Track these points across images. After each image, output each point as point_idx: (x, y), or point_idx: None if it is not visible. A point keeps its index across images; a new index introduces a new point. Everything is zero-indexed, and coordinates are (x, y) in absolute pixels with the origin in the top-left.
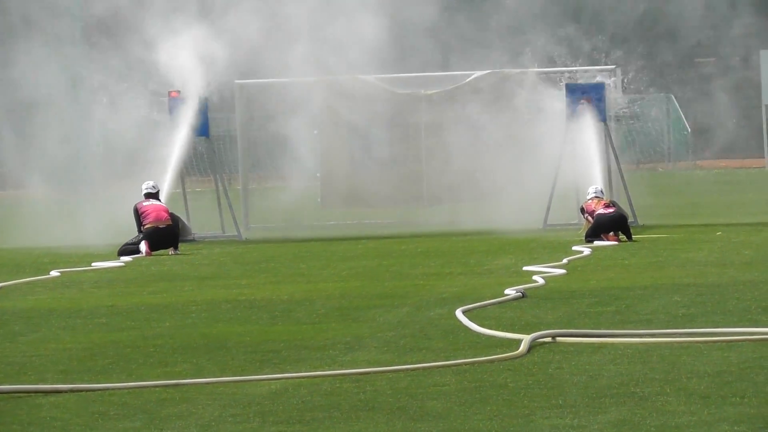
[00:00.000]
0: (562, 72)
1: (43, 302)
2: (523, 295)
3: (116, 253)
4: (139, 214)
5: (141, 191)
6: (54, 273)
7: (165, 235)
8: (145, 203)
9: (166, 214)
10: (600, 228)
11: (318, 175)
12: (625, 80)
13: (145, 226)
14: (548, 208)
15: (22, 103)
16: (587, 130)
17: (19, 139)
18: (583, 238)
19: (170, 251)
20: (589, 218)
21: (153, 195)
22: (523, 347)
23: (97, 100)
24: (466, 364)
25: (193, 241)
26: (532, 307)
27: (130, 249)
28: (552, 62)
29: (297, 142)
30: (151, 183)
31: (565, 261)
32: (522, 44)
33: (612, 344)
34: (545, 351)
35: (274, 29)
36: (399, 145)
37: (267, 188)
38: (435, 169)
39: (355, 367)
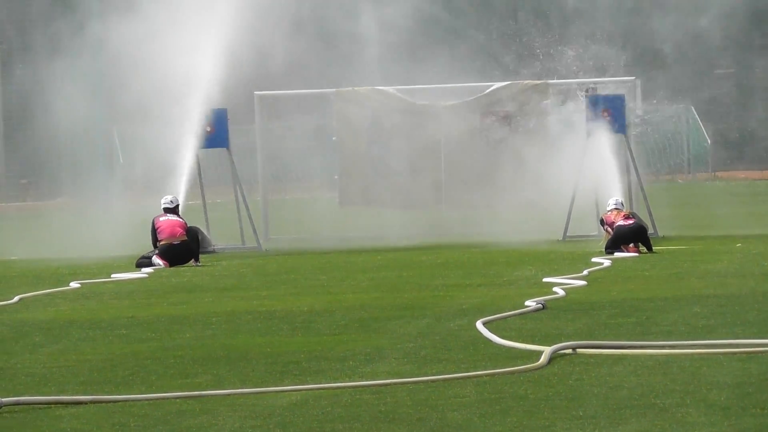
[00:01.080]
0: (582, 83)
1: (63, 313)
2: (544, 307)
3: (134, 265)
4: (155, 230)
5: (160, 205)
6: (74, 284)
7: (179, 251)
8: (161, 218)
9: (180, 230)
10: (620, 239)
11: (336, 177)
12: (645, 92)
13: (160, 242)
14: (568, 220)
15: (41, 113)
16: (607, 142)
17: (38, 150)
18: (603, 249)
19: (192, 262)
20: (609, 230)
21: (171, 210)
22: (543, 359)
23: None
24: (486, 375)
25: (212, 252)
26: (553, 319)
27: (145, 263)
28: (572, 74)
29: (316, 152)
30: (169, 198)
31: (585, 272)
32: (540, 55)
33: (632, 356)
34: (566, 362)
35: (293, 39)
36: (417, 156)
37: (287, 199)
38: (453, 179)
39: (376, 379)
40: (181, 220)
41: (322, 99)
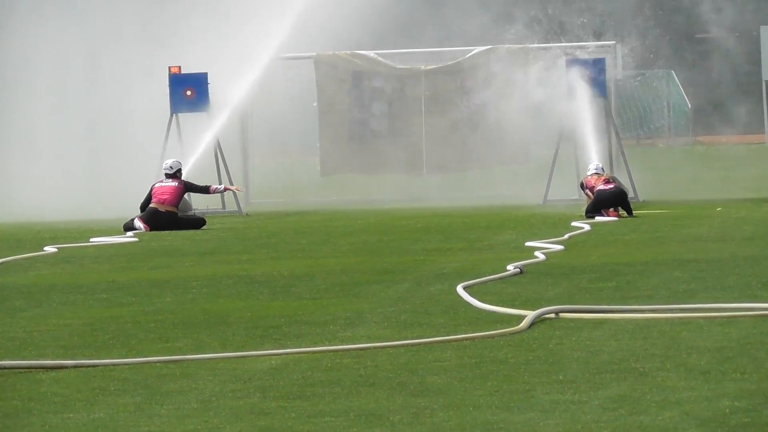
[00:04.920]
0: (562, 47)
1: (43, 278)
2: (521, 271)
3: (122, 228)
4: (149, 195)
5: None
6: (49, 248)
7: (162, 220)
8: (157, 184)
9: (169, 198)
10: (600, 204)
11: (318, 144)
12: (625, 56)
13: (149, 206)
14: (548, 184)
15: (24, 72)
16: (587, 106)
17: (20, 112)
18: (584, 214)
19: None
20: (589, 194)
21: (171, 175)
22: (524, 323)
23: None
24: (466, 339)
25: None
26: (533, 283)
27: (128, 225)
28: (552, 37)
29: (297, 116)
30: (168, 162)
31: (566, 237)
32: (522, 18)
33: (613, 320)
34: (546, 327)
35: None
36: (398, 120)
37: (267, 163)
38: (434, 142)
39: (356, 343)
40: (175, 185)
41: (305, 62)
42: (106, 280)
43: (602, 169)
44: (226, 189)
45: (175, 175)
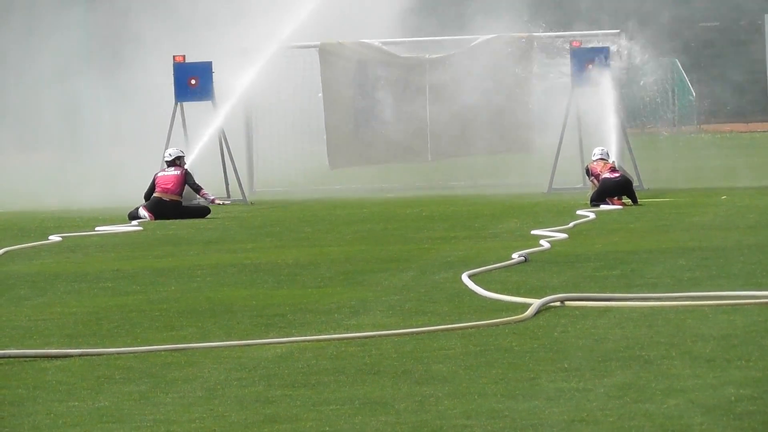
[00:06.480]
0: (567, 36)
1: (48, 266)
2: (526, 260)
3: (127, 217)
4: (153, 184)
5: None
6: (54, 237)
7: (167, 208)
8: (160, 173)
9: (172, 187)
10: (605, 192)
11: (324, 137)
12: (630, 44)
13: (153, 196)
14: (553, 172)
15: (29, 65)
16: (592, 95)
17: (28, 103)
18: (589, 201)
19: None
20: (595, 181)
21: (171, 163)
22: (529, 311)
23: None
24: (471, 327)
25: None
26: (538, 271)
27: (133, 214)
28: (557, 26)
29: (302, 104)
30: (169, 151)
31: (571, 225)
32: (525, 8)
33: (617, 308)
34: (551, 315)
35: None
36: (403, 108)
37: (272, 152)
38: (438, 131)
39: (361, 331)
40: (177, 174)
41: (310, 51)
42: (110, 268)
43: (607, 153)
44: (213, 201)
45: (175, 162)
